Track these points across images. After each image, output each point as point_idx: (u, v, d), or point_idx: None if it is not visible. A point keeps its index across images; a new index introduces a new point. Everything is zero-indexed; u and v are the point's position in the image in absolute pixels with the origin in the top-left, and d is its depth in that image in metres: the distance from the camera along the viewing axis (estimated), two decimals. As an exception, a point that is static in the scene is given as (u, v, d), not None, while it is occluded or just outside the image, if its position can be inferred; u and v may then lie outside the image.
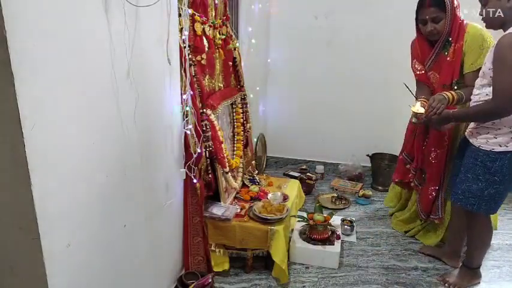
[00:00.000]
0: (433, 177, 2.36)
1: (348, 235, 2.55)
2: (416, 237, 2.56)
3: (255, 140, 3.31)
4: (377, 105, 3.48)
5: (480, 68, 1.86)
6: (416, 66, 2.36)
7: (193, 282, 1.81)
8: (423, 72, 2.32)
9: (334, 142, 3.70)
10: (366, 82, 3.46)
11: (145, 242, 1.62)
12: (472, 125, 1.88)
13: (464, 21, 2.11)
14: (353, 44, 3.38)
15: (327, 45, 3.44)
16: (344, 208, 2.98)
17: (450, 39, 2.13)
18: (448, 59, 2.15)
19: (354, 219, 2.67)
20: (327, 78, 3.54)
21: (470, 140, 1.86)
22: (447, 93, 2.00)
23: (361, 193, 3.10)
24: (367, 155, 3.44)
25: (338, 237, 2.32)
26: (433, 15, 2.08)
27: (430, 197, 2.38)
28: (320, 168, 3.54)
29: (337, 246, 2.25)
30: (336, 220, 2.49)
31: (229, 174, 2.25)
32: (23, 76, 0.91)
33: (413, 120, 2.10)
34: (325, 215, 2.30)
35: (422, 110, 2.02)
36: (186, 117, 1.81)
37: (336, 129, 3.65)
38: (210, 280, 1.84)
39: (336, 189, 3.30)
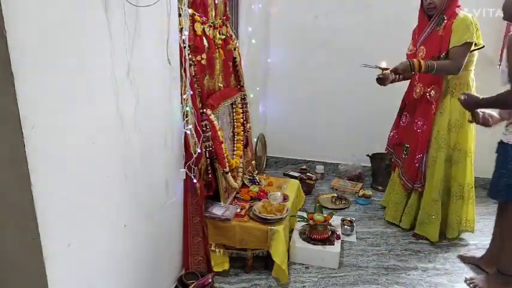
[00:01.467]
0: (419, 146, 2.50)
1: (348, 235, 2.55)
2: (416, 231, 2.56)
3: (255, 140, 3.31)
4: (377, 105, 3.47)
5: (466, 43, 2.21)
6: (409, 47, 2.63)
7: (193, 282, 1.81)
8: (413, 52, 2.55)
9: (334, 142, 3.69)
10: (366, 82, 3.43)
11: (145, 242, 1.62)
12: (503, 124, 1.97)
13: (460, 9, 2.31)
14: (353, 44, 3.37)
15: (327, 45, 3.44)
16: (344, 208, 2.98)
17: (445, 16, 2.31)
18: (440, 33, 2.33)
19: (354, 219, 2.67)
20: (326, 78, 3.53)
21: (502, 138, 1.93)
22: (414, 60, 2.32)
23: (361, 193, 3.10)
24: (367, 155, 3.44)
25: (338, 237, 2.32)
26: None
27: (417, 164, 2.51)
28: (320, 168, 3.54)
29: (337, 246, 2.25)
30: (336, 220, 2.49)
31: (229, 174, 2.25)
32: (23, 76, 0.91)
33: (380, 75, 2.44)
34: (325, 215, 2.30)
35: (385, 65, 2.42)
36: (186, 117, 1.81)
37: (336, 129, 3.65)
38: (210, 280, 1.84)
39: (336, 189, 3.30)
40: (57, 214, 1.06)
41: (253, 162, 2.85)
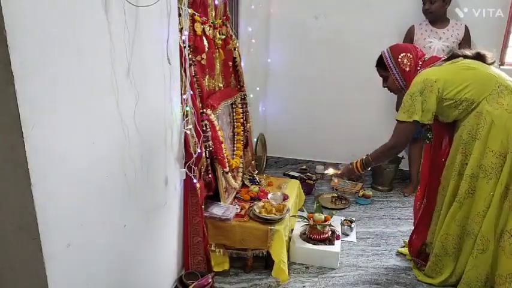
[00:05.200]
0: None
1: (347, 235, 2.55)
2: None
3: (255, 140, 3.30)
4: (377, 105, 3.48)
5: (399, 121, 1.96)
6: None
7: (193, 282, 1.81)
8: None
9: (334, 142, 3.69)
10: (366, 82, 3.44)
11: (145, 242, 1.62)
12: None
13: (419, 71, 1.95)
14: (353, 44, 3.37)
15: (327, 45, 3.44)
16: (344, 208, 2.98)
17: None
18: None
19: (353, 219, 2.67)
20: (327, 78, 3.53)
21: None
22: (354, 161, 2.20)
23: (361, 193, 3.10)
24: (367, 155, 3.43)
25: (338, 237, 2.32)
26: (380, 74, 2.13)
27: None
28: (320, 168, 3.53)
29: (337, 246, 2.25)
30: (336, 220, 2.49)
31: (229, 174, 2.25)
32: (23, 76, 0.91)
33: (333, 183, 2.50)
34: (325, 215, 2.30)
35: (332, 172, 2.37)
36: (186, 117, 1.81)
37: (336, 129, 3.65)
38: (210, 280, 1.84)
39: (336, 189, 3.30)
40: (57, 214, 1.06)
41: (253, 162, 2.85)
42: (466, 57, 1.91)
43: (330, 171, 2.36)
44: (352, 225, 2.59)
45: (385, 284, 2.11)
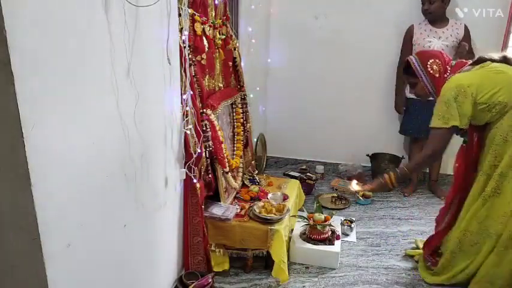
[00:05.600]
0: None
1: (347, 235, 2.55)
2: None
3: (255, 140, 3.30)
4: (377, 105, 3.48)
5: (433, 128, 1.89)
6: None
7: (193, 282, 1.81)
8: None
9: (334, 142, 3.69)
10: (366, 82, 3.46)
11: (145, 242, 1.62)
12: None
13: (448, 77, 1.95)
14: (353, 44, 3.38)
15: (327, 45, 3.44)
16: (344, 208, 2.98)
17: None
18: None
19: (353, 219, 2.67)
20: (326, 78, 3.53)
21: None
22: (386, 175, 1.98)
23: (361, 193, 3.10)
24: (367, 155, 3.44)
25: (338, 237, 2.32)
26: (408, 81, 2.14)
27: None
28: (320, 168, 3.54)
29: (337, 246, 2.25)
30: (336, 220, 2.49)
31: (229, 174, 2.25)
32: (23, 76, 0.91)
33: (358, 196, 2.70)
34: (325, 215, 2.30)
35: (358, 188, 2.15)
36: (186, 117, 1.81)
37: (336, 129, 3.65)
38: (210, 280, 1.84)
39: (336, 189, 3.30)
40: (57, 214, 1.06)
41: (253, 162, 2.85)
42: (493, 60, 1.91)
43: (355, 186, 2.16)
44: (352, 225, 2.59)
45: (385, 284, 2.11)
